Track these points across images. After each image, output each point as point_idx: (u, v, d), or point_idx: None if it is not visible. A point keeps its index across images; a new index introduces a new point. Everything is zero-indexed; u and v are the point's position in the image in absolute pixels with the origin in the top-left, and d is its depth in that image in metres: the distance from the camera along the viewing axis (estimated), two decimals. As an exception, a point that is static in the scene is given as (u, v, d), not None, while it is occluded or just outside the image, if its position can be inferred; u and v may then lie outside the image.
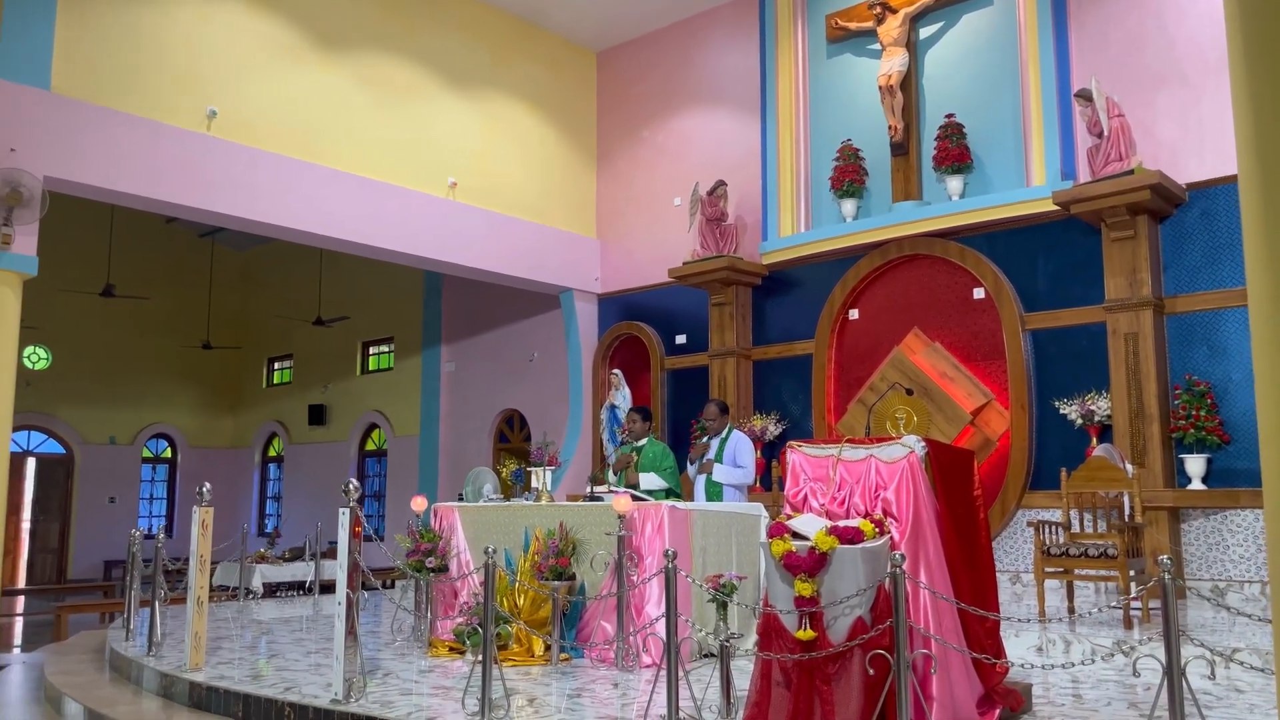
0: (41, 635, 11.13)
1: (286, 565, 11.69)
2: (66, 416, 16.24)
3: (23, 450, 15.67)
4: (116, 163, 9.67)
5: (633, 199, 13.56)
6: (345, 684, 4.97)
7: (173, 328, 17.35)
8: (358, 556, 5.09)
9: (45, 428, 16.07)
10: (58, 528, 16.29)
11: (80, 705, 6.11)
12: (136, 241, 16.36)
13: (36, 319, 10.88)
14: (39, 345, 15.72)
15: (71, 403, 16.22)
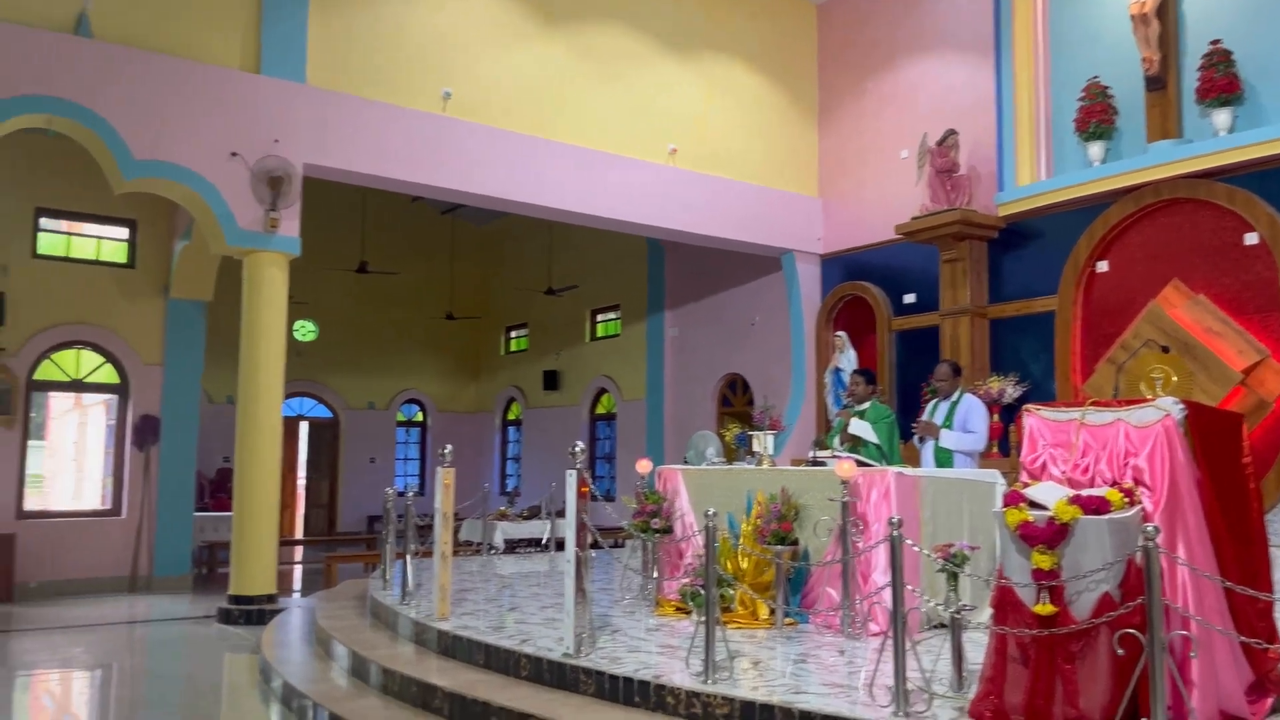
0: (316, 582, 12.33)
1: (525, 523, 12.31)
2: (332, 384, 17.82)
3: (296, 415, 17.34)
4: (365, 147, 10.40)
5: (856, 154, 13.13)
6: (575, 639, 5.17)
7: (420, 300, 18.59)
8: (585, 517, 5.25)
9: (314, 394, 17.71)
10: (327, 485, 17.97)
11: (345, 648, 6.71)
12: (386, 220, 17.61)
13: (303, 295, 11.96)
14: (306, 319, 17.29)
15: (336, 371, 17.77)
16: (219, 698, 7.28)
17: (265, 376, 9.91)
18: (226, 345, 11.15)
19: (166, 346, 12.58)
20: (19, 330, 11.67)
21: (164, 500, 12.33)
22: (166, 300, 12.60)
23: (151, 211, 12.47)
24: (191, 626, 9.76)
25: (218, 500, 14.82)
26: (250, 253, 9.90)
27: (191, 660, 8.49)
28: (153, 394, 12.46)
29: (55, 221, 12.27)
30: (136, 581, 12.06)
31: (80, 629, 9.57)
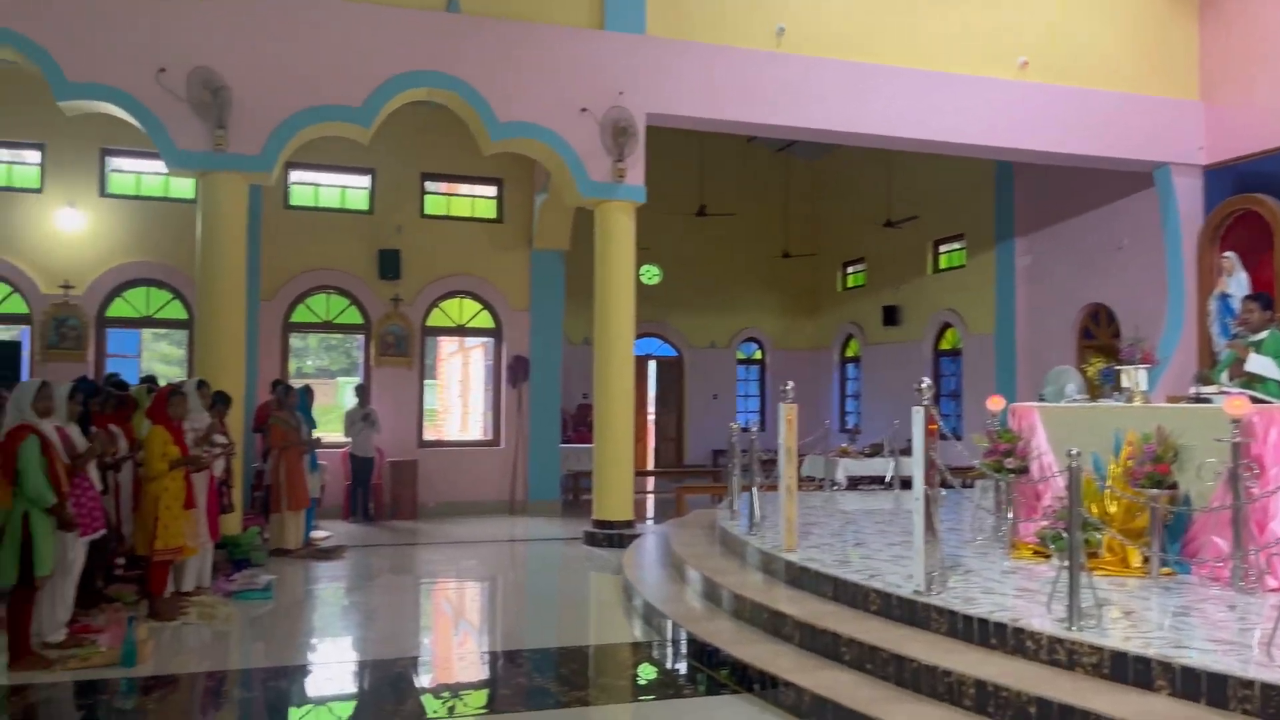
0: (667, 511, 13.07)
1: (867, 460, 12.21)
2: (676, 324, 18.61)
3: (644, 354, 18.34)
4: (703, 92, 10.64)
5: (1249, 49, 11.41)
6: (925, 577, 5.10)
7: (756, 240, 18.83)
8: (934, 454, 5.13)
9: (660, 334, 18.61)
10: (674, 420, 18.91)
11: (698, 573, 7.09)
12: (722, 163, 17.95)
13: (647, 240, 12.53)
14: (651, 264, 18.14)
15: (679, 312, 18.52)
16: (588, 611, 8.00)
17: (618, 319, 10.58)
18: (583, 291, 11.98)
19: (532, 293, 13.78)
20: (413, 283, 13.30)
21: (535, 432, 13.62)
22: (530, 251, 13.77)
23: (515, 170, 13.61)
24: (561, 547, 10.76)
25: (579, 433, 16.09)
26: (600, 203, 10.54)
27: (563, 576, 9.38)
28: (522, 336, 13.73)
29: (437, 184, 13.77)
30: (514, 505, 13.47)
31: (470, 544, 10.88)
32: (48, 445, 5.66)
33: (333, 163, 12.95)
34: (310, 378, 18.21)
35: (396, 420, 12.98)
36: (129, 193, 12.42)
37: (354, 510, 12.28)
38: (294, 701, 5.42)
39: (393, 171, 13.34)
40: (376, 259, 13.05)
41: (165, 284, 12.48)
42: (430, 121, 12.75)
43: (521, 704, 5.34)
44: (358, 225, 13.20)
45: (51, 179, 12.02)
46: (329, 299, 13.22)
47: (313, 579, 8.69)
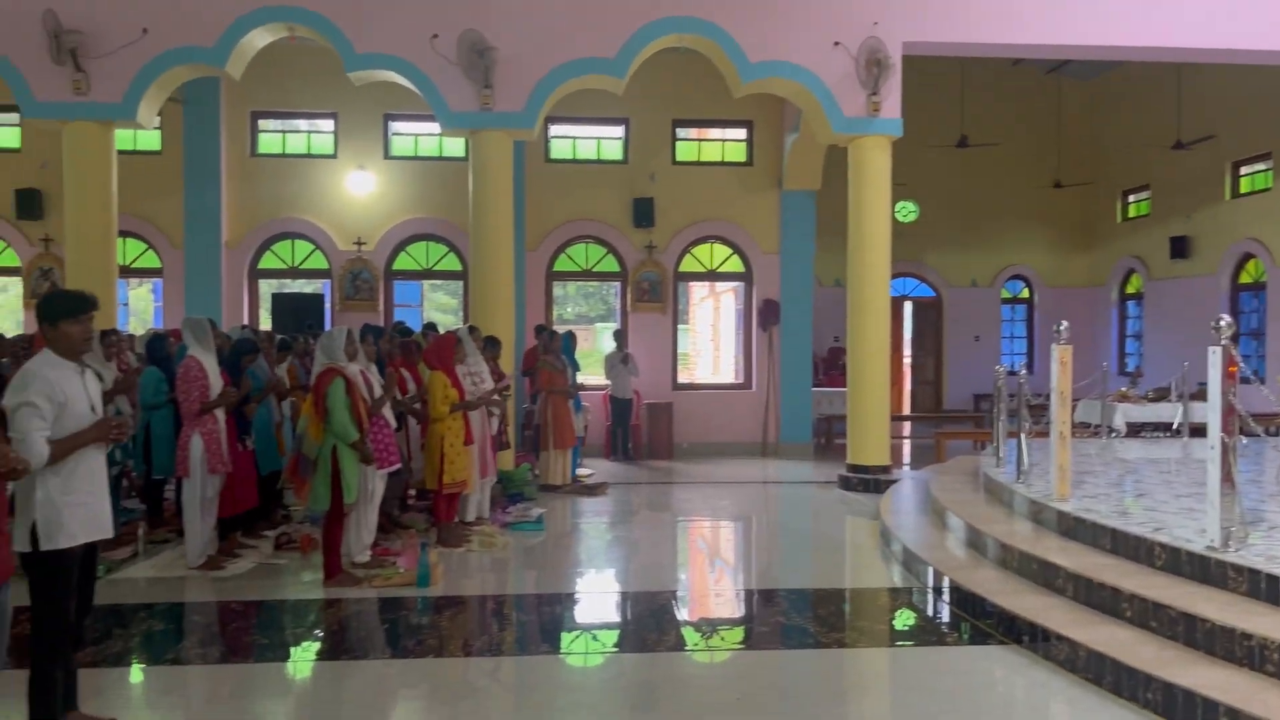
0: (924, 456, 12.71)
1: (1150, 406, 11.28)
2: (933, 263, 17.83)
3: (899, 295, 17.75)
4: (963, 15, 10.03)
5: None
6: (1222, 532, 4.68)
7: (1022, 170, 17.59)
8: (1233, 399, 4.66)
9: (917, 274, 17.91)
10: (932, 363, 18.22)
11: (961, 520, 6.87)
12: (984, 90, 16.84)
13: (902, 176, 12.03)
14: (907, 200, 17.43)
15: (936, 250, 17.71)
16: (843, 555, 7.97)
17: (872, 259, 10.29)
18: (835, 231, 11.75)
19: (782, 236, 13.68)
20: (665, 230, 13.56)
21: (786, 376, 13.60)
22: (780, 193, 13.64)
23: (765, 111, 13.47)
24: (815, 490, 10.75)
25: (830, 377, 15.91)
26: (854, 139, 10.24)
27: (817, 519, 9.38)
28: (772, 280, 13.69)
29: (687, 130, 13.89)
30: (766, 447, 13.57)
31: (724, 485, 11.09)
32: (352, 386, 6.31)
33: (589, 115, 13.36)
34: (570, 324, 19.07)
35: (651, 364, 13.38)
36: (409, 154, 13.43)
37: (615, 449, 12.84)
38: (566, 626, 5.80)
39: (645, 120, 13.58)
40: (631, 207, 13.41)
41: (442, 238, 13.46)
42: (681, 68, 12.84)
43: (778, 642, 5.44)
44: (613, 175, 13.59)
45: (343, 145, 13.23)
46: (587, 248, 13.75)
47: (579, 513, 9.20)
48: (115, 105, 9.55)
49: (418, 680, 4.84)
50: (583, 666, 5.11)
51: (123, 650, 5.12)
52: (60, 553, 3.67)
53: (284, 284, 13.64)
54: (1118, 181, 17.50)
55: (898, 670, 5.12)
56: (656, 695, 4.62)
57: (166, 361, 7.42)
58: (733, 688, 4.78)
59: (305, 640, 5.42)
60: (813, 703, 4.56)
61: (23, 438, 3.42)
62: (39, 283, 12.62)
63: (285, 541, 7.44)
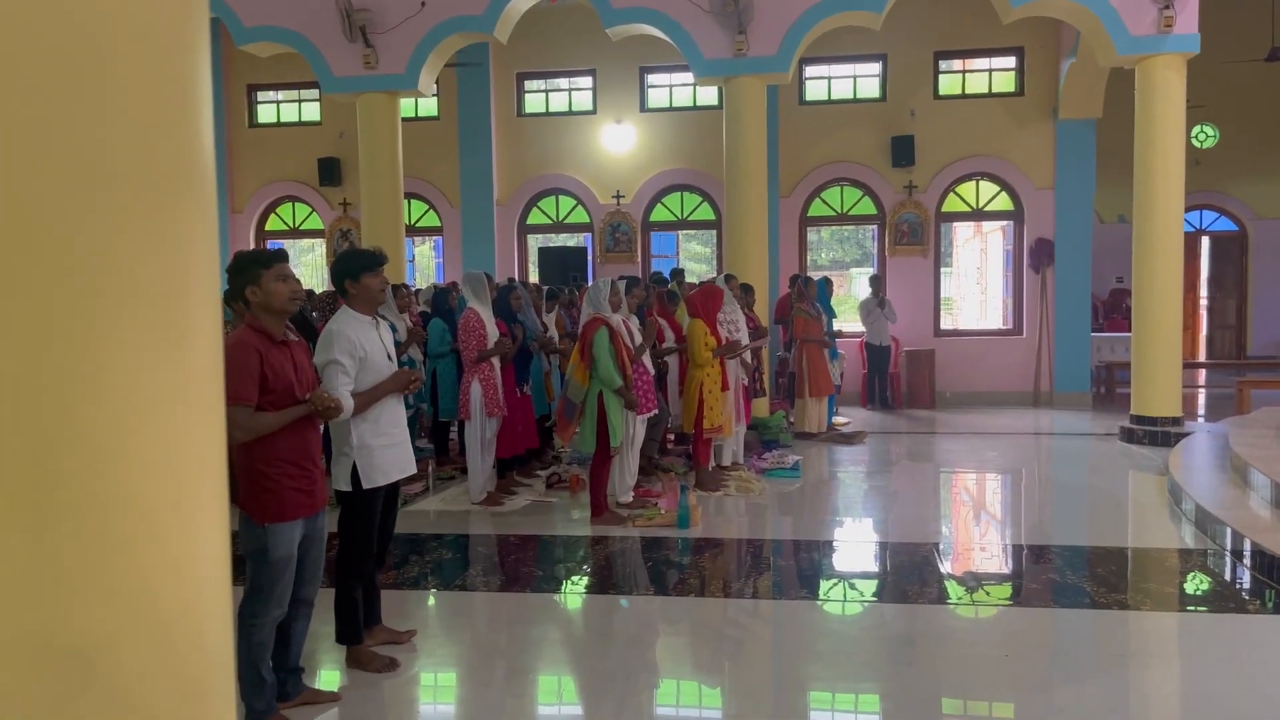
0: (1222, 407, 11.53)
1: None
2: (1236, 193, 15.91)
3: (1195, 230, 16.04)
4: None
5: None
6: None
7: (1352, 81, 15.29)
8: None
9: (1217, 205, 16.06)
10: (1234, 304, 16.36)
11: (1267, 477, 6.20)
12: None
13: (1200, 97, 10.80)
14: (1205, 124, 15.64)
15: (1241, 178, 15.80)
16: (1125, 512, 7.43)
17: (1162, 191, 9.37)
18: (1118, 163, 10.78)
19: (1057, 169, 12.71)
20: (926, 168, 12.97)
21: (1061, 320, 12.73)
22: (1055, 123, 12.66)
23: (1037, 35, 12.50)
24: (1093, 442, 10.05)
25: (1111, 321, 14.72)
26: (1142, 59, 9.30)
27: (1095, 474, 8.78)
28: (1045, 217, 12.79)
29: (951, 62, 13.15)
30: (1038, 396, 12.80)
31: (991, 435, 10.60)
32: (616, 335, 6.57)
33: (844, 53, 12.96)
34: (824, 270, 18.77)
35: (912, 310, 12.94)
36: (664, 106, 13.63)
37: (871, 398, 12.58)
38: (823, 573, 5.81)
39: (905, 54, 12.99)
40: (889, 147, 12.93)
41: (696, 188, 13.61)
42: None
43: (1050, 600, 5.17)
44: (870, 114, 13.14)
45: (602, 101, 13.63)
46: (843, 191, 13.43)
47: (835, 461, 9.13)
48: (399, 76, 10.35)
49: (679, 617, 5.04)
50: (841, 614, 5.11)
51: (418, 575, 5.68)
52: (374, 490, 4.11)
53: (550, 238, 14.34)
54: None
55: (1187, 637, 4.74)
56: (917, 647, 4.54)
57: (449, 314, 8.05)
58: (999, 644, 4.62)
59: (575, 574, 5.78)
60: (1088, 665, 4.32)
61: (332, 392, 3.79)
62: (339, 243, 14.00)
63: (555, 481, 7.92)
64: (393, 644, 4.45)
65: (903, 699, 3.98)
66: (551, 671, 4.41)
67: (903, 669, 4.32)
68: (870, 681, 4.24)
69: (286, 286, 3.53)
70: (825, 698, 4.12)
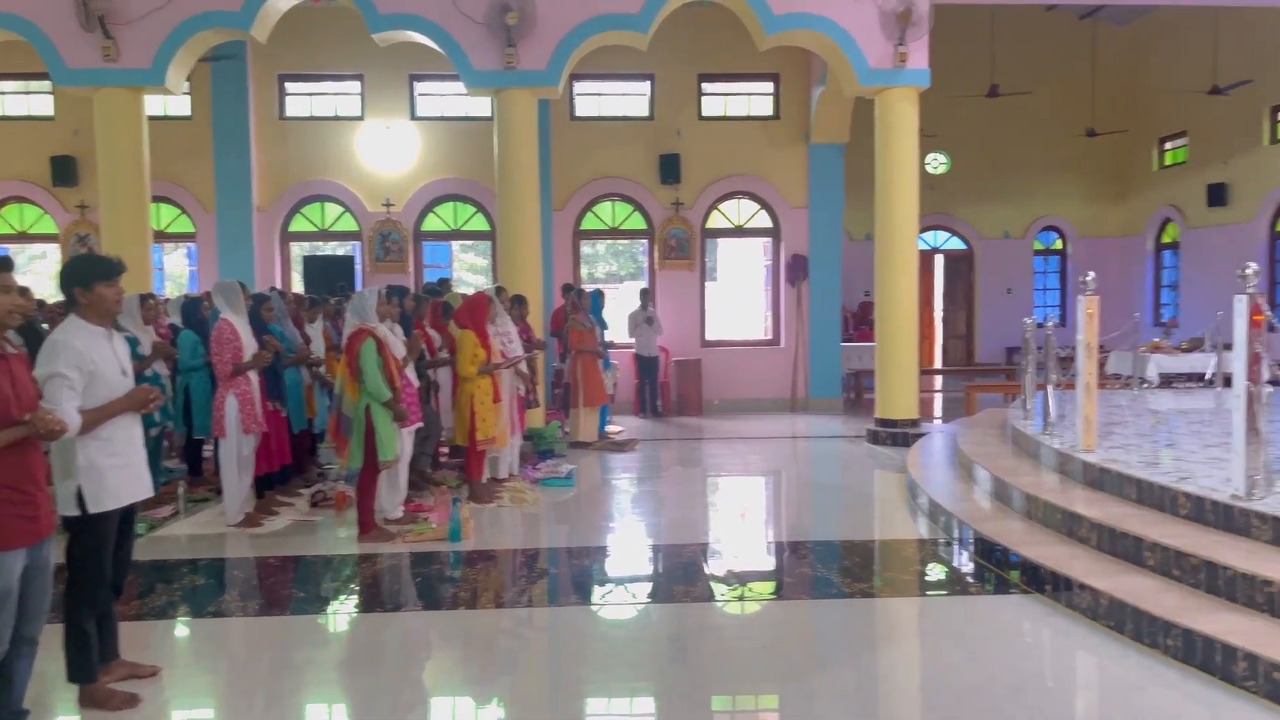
0: (954, 410, 12.69)
1: (1183, 356, 11.17)
2: (964, 215, 17.62)
3: (930, 248, 17.58)
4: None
5: None
6: (1246, 480, 4.68)
7: (1055, 119, 17.26)
8: (1259, 347, 4.63)
9: (947, 226, 17.71)
10: (964, 316, 18.08)
11: (987, 472, 6.89)
12: (1016, 38, 16.49)
13: (932, 127, 11.90)
14: (938, 151, 17.19)
15: (968, 202, 17.49)
16: (871, 508, 8.02)
17: (900, 212, 10.23)
18: (863, 185, 11.65)
19: (810, 190, 13.59)
20: (692, 186, 13.51)
21: (815, 331, 13.59)
22: (808, 146, 13.52)
23: (791, 64, 13.32)
24: (844, 444, 10.79)
25: (860, 332, 15.85)
26: (881, 90, 10.13)
27: (846, 473, 9.43)
28: (800, 235, 13.63)
29: (714, 85, 13.77)
30: (795, 402, 13.60)
31: (753, 440, 11.15)
32: (383, 346, 6.42)
33: (614, 71, 13.29)
34: (600, 283, 19.09)
35: (680, 321, 13.42)
36: (435, 115, 13.44)
37: (643, 407, 12.93)
38: (596, 579, 5.92)
39: (671, 75, 13.49)
40: (657, 164, 13.37)
41: (470, 199, 13.52)
42: (705, 22, 12.71)
43: (807, 593, 5.52)
44: (639, 132, 13.53)
45: (370, 106, 13.27)
46: (614, 206, 13.75)
47: (608, 469, 9.32)
48: (144, 71, 9.65)
49: (451, 631, 4.99)
50: (613, 618, 5.22)
51: (166, 604, 5.30)
52: (105, 514, 3.80)
53: (316, 247, 13.78)
54: (1153, 129, 17.17)
55: (923, 619, 5.19)
56: (686, 644, 4.73)
57: (201, 325, 7.58)
58: (761, 636, 4.88)
59: (341, 594, 5.58)
60: (839, 651, 4.65)
61: (55, 408, 3.46)
62: (75, 248, 12.84)
63: (320, 499, 7.62)
64: (134, 679, 4.13)
65: (675, 696, 4.12)
66: (316, 697, 4.25)
67: (674, 667, 4.47)
68: (644, 681, 4.36)
69: (8, 299, 3.23)
70: (601, 702, 4.20)
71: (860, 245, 15.19)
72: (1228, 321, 9.44)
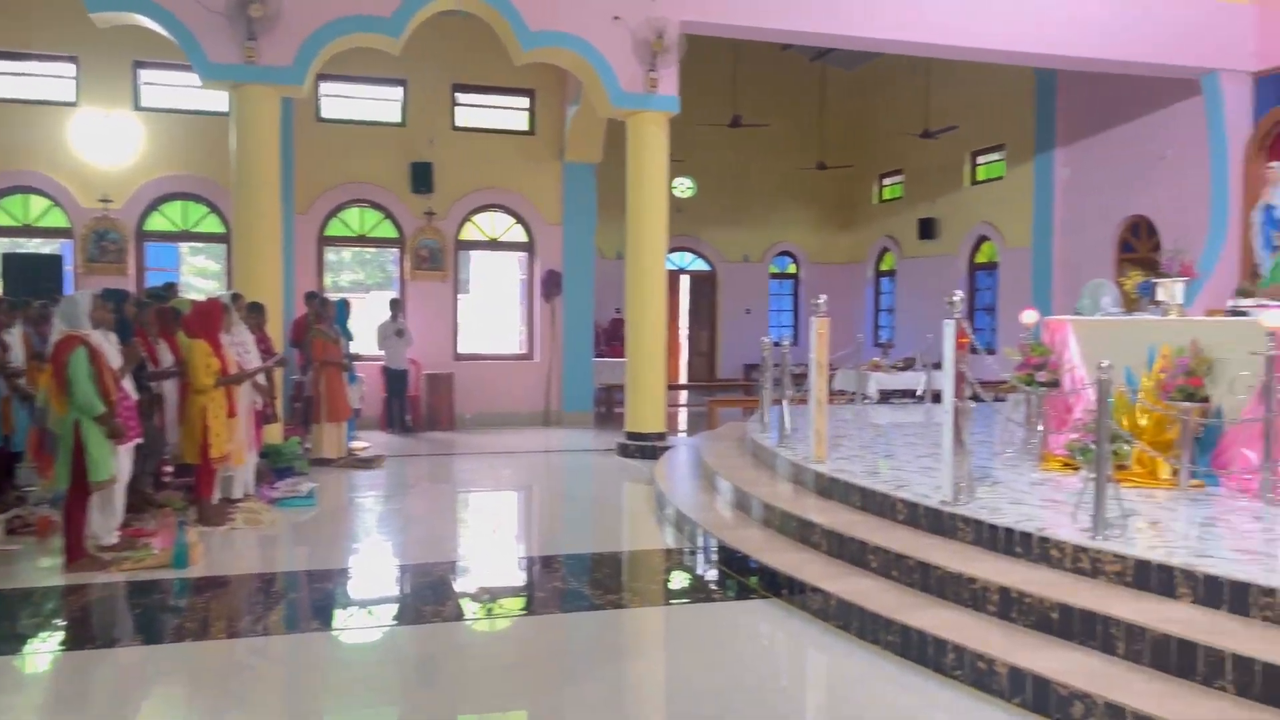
0: (698, 423, 13.22)
1: (899, 374, 12.22)
2: (709, 238, 18.50)
3: (678, 268, 18.29)
4: None
5: (1309, -54, 10.91)
6: (953, 487, 5.17)
7: (791, 151, 18.52)
8: (964, 367, 5.15)
9: (693, 248, 18.53)
10: (707, 334, 18.96)
11: (729, 483, 7.22)
12: (756, 72, 17.56)
13: (681, 152, 12.39)
14: (685, 176, 17.94)
15: (712, 225, 18.39)
16: (621, 520, 8.19)
17: (650, 232, 10.55)
18: (615, 204, 11.93)
19: (565, 207, 13.74)
20: (445, 196, 13.29)
21: (568, 346, 13.74)
22: (562, 163, 13.68)
23: (547, 80, 13.44)
24: (595, 457, 10.95)
25: (611, 348, 16.19)
26: (632, 114, 10.42)
27: (597, 485, 9.58)
28: (555, 250, 13.75)
29: (468, 95, 13.63)
30: (548, 417, 13.67)
31: (505, 455, 11.10)
32: (97, 355, 5.82)
33: (364, 74, 12.86)
34: (346, 292, 18.38)
35: (432, 333, 13.14)
36: (163, 106, 12.43)
37: (391, 422, 12.54)
38: (338, 603, 5.65)
39: (424, 83, 13.23)
40: (409, 172, 13.05)
41: (202, 198, 12.59)
42: (461, 31, 12.58)
43: (558, 607, 5.54)
44: (390, 138, 13.16)
45: (86, 93, 12.06)
46: (363, 213, 13.29)
47: (353, 487, 8.95)
48: None
49: (175, 666, 4.58)
50: (358, 642, 5.00)
51: None
52: None
53: (16, 244, 12.33)
54: (875, 165, 18.77)
55: (669, 627, 5.34)
56: (434, 666, 4.60)
57: None
58: (512, 653, 4.84)
59: (44, 630, 4.99)
60: (589, 663, 4.69)
61: None
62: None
63: (19, 525, 6.79)
64: None
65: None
66: (9, 749, 3.76)
67: (421, 690, 4.34)
68: (388, 707, 4.20)
69: None
70: (338, 731, 4.00)
71: (611, 263, 15.53)
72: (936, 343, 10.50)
